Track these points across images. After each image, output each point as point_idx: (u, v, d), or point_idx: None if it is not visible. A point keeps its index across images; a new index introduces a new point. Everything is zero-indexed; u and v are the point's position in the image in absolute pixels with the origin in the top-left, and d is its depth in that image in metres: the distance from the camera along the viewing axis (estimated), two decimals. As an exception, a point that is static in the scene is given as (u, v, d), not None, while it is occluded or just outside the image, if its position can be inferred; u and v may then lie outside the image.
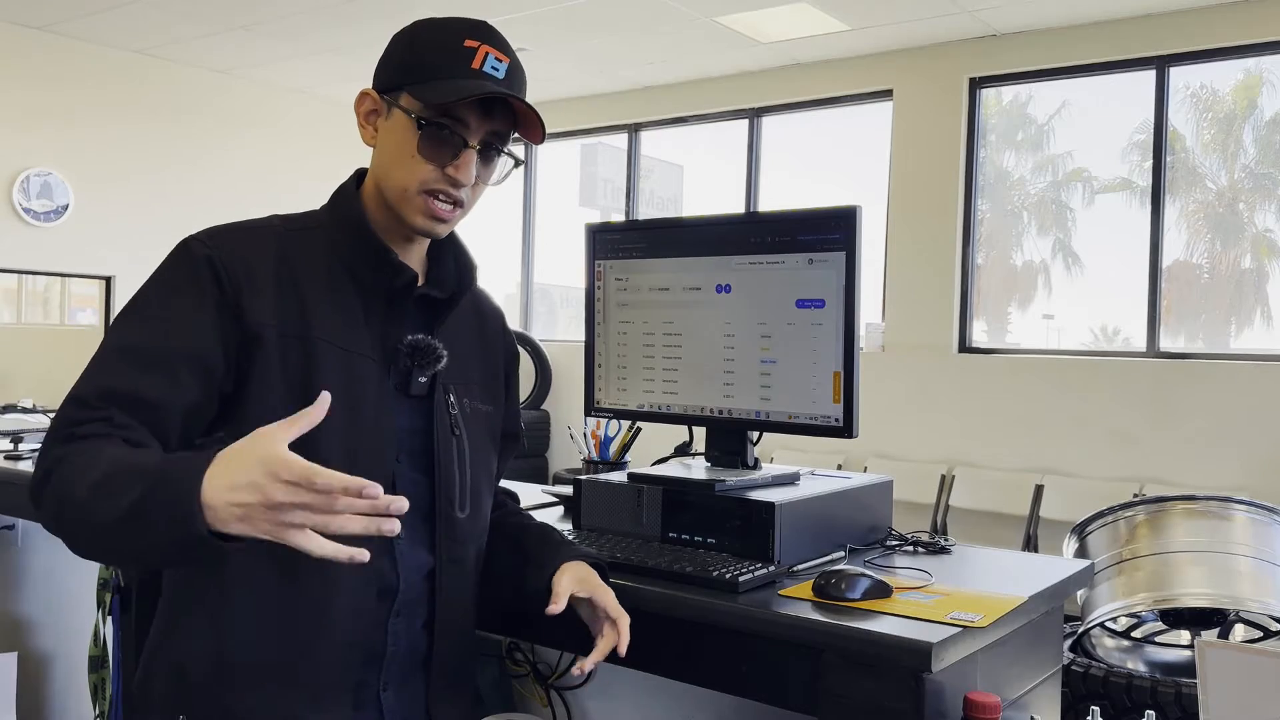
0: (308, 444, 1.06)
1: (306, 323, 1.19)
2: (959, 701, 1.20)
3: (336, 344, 1.20)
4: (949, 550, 1.66)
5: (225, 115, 6.83)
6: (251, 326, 1.16)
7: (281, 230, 1.24)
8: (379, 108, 1.25)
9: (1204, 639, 1.14)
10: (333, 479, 0.92)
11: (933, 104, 5.86)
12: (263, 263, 1.19)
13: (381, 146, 1.25)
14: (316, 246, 1.24)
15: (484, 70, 1.20)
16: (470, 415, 1.33)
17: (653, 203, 7.35)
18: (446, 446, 1.28)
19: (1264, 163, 5.37)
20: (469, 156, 1.21)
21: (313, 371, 1.17)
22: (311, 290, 1.21)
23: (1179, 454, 5.05)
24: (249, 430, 1.00)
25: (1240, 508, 2.85)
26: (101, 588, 2.18)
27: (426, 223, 1.24)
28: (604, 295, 1.81)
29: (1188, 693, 2.50)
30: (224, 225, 1.23)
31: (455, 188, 1.22)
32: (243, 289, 1.16)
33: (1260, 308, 5.40)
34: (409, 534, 1.24)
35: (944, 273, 5.80)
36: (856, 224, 1.54)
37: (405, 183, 1.21)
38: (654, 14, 5.42)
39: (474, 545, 1.34)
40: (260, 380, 1.16)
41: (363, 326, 1.23)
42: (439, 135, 1.20)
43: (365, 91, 1.26)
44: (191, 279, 1.16)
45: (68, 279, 6.33)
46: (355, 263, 1.24)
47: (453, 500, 1.28)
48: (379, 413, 1.22)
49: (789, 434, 1.62)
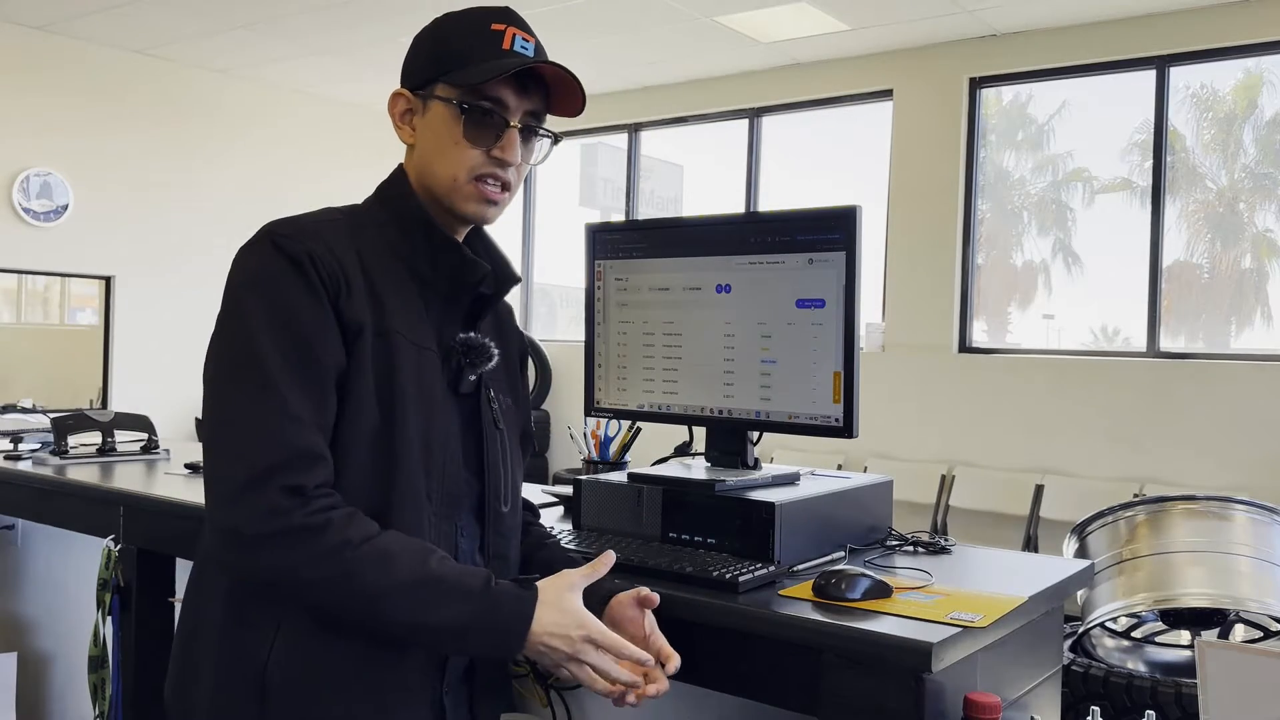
0: (399, 444, 1.16)
1: (383, 317, 1.18)
2: (959, 701, 1.20)
3: (409, 338, 1.20)
4: (949, 550, 1.66)
5: (225, 115, 6.82)
6: (350, 325, 1.15)
7: (350, 225, 1.23)
8: (414, 105, 1.25)
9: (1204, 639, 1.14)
10: (635, 654, 1.15)
11: (933, 104, 5.86)
12: (348, 259, 1.18)
13: (423, 142, 1.24)
14: (375, 241, 1.23)
15: (514, 50, 1.21)
16: (505, 412, 1.33)
17: (653, 203, 7.34)
18: (493, 445, 1.29)
19: (1264, 163, 5.37)
20: (513, 136, 1.22)
21: (394, 368, 1.18)
22: (381, 284, 1.20)
23: (1179, 454, 5.05)
24: (343, 428, 1.13)
25: (1240, 508, 2.85)
26: (101, 588, 2.18)
27: (479, 208, 1.24)
28: (604, 295, 1.81)
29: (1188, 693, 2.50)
30: (299, 220, 1.20)
31: (503, 169, 1.23)
32: (341, 287, 1.15)
33: (1260, 308, 5.39)
34: (467, 533, 1.26)
35: (944, 273, 5.80)
36: (856, 224, 1.54)
37: (454, 171, 1.22)
38: (654, 14, 5.42)
39: (514, 541, 1.35)
40: (356, 377, 1.15)
41: (426, 322, 1.23)
42: (482, 118, 1.20)
43: (398, 92, 1.26)
44: (302, 281, 1.13)
45: (68, 279, 6.34)
46: (416, 259, 1.24)
47: (500, 497, 1.29)
48: (445, 409, 1.23)
49: (789, 434, 1.62)
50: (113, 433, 2.63)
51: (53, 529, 2.60)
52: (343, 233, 1.21)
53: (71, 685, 2.67)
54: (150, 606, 2.18)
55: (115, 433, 2.64)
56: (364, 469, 1.15)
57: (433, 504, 1.20)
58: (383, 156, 1.69)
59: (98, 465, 2.49)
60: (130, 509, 2.15)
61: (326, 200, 1.33)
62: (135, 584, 2.16)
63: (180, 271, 6.30)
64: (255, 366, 1.10)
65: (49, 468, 2.42)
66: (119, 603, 2.18)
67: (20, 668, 2.64)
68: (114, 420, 2.64)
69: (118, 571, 2.17)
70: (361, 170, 8.37)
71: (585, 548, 1.54)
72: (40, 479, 2.36)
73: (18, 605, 2.81)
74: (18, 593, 2.81)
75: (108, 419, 2.63)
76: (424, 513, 1.19)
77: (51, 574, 2.74)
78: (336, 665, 1.16)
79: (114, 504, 2.19)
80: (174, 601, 2.20)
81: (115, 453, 2.60)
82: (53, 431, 2.58)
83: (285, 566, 1.09)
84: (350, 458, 1.15)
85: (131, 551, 2.15)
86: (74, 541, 2.53)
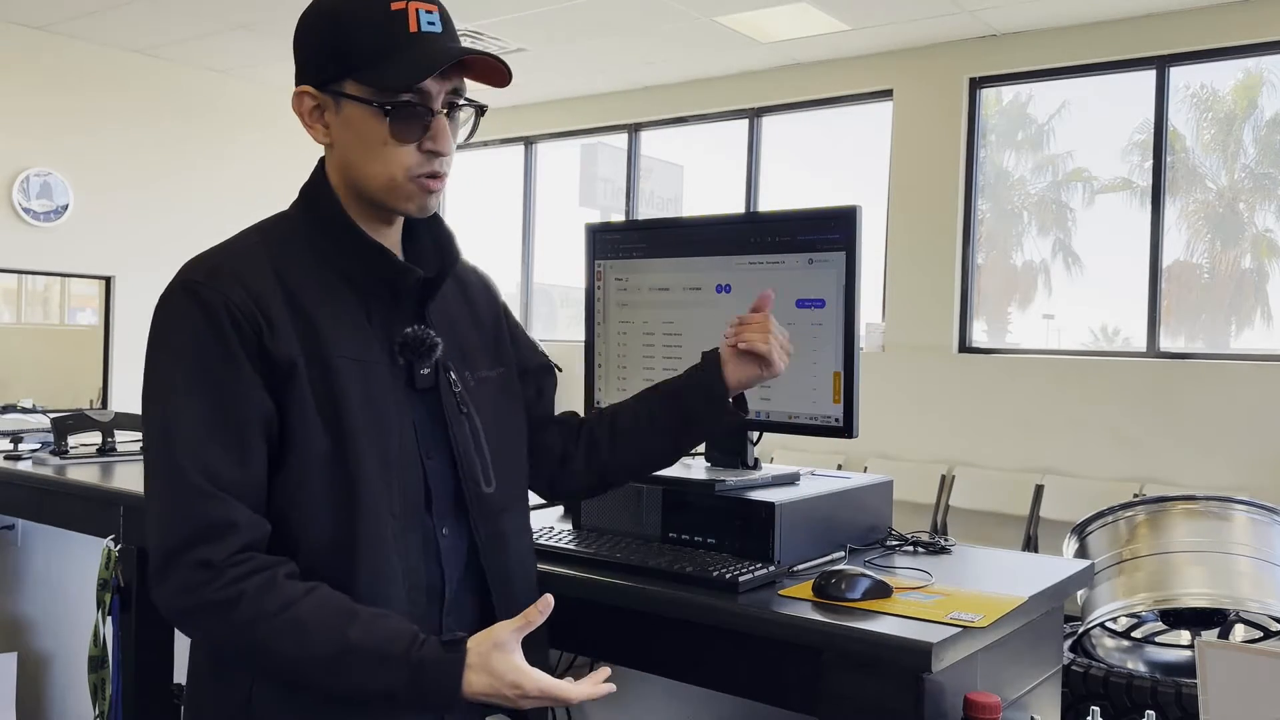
0: (346, 463, 1.14)
1: (319, 342, 1.15)
2: (959, 701, 1.20)
3: (351, 357, 1.17)
4: (949, 550, 1.66)
5: (225, 115, 6.82)
6: (280, 363, 1.12)
7: (267, 247, 1.18)
8: (322, 103, 1.18)
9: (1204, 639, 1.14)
10: (572, 695, 1.13)
11: (933, 104, 5.86)
12: (268, 292, 1.14)
13: (343, 142, 1.18)
14: (302, 254, 1.19)
15: (422, 30, 1.13)
16: (476, 388, 1.29)
17: (653, 203, 7.34)
18: (460, 429, 1.25)
19: (1264, 163, 5.37)
20: (441, 124, 1.16)
21: (338, 392, 1.15)
22: (313, 305, 1.16)
23: (1179, 454, 5.05)
24: (293, 462, 1.12)
25: (1240, 508, 2.85)
26: (101, 588, 2.18)
27: (421, 202, 1.19)
28: (604, 295, 1.81)
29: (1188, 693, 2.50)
30: (213, 258, 1.16)
31: (439, 160, 1.17)
32: (262, 328, 1.12)
33: (1260, 308, 5.39)
34: (449, 527, 1.23)
35: (944, 273, 5.80)
36: (856, 224, 1.54)
37: (390, 173, 1.16)
38: (654, 14, 5.42)
39: (511, 513, 1.30)
40: (297, 411, 1.13)
41: (368, 330, 1.20)
42: (406, 115, 1.14)
43: (301, 90, 1.19)
44: (215, 334, 1.10)
45: (68, 279, 6.34)
46: (347, 265, 1.20)
47: (477, 479, 1.25)
48: (400, 415, 1.20)
49: (789, 434, 1.62)
50: (113, 433, 2.63)
51: (53, 529, 2.60)
52: (263, 261, 1.16)
53: (71, 685, 2.67)
54: (150, 607, 2.17)
55: (115, 433, 2.64)
56: (322, 496, 1.13)
57: (397, 519, 1.17)
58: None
59: (98, 465, 2.49)
60: (130, 509, 2.15)
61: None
62: (135, 584, 2.15)
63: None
64: (168, 436, 1.10)
65: (49, 468, 2.42)
66: (119, 603, 2.18)
67: (20, 668, 2.64)
68: (114, 420, 2.64)
69: (118, 571, 2.17)
70: (361, 170, 8.24)
71: (585, 548, 1.54)
72: (40, 479, 2.36)
73: (18, 605, 2.80)
74: (18, 593, 2.81)
75: (108, 419, 2.63)
76: (387, 528, 1.16)
77: (51, 574, 2.74)
78: (316, 700, 1.14)
79: (114, 504, 2.19)
80: (174, 601, 2.20)
81: (115, 453, 2.60)
82: (53, 431, 2.58)
83: (210, 639, 1.14)
84: (307, 488, 1.13)
85: (131, 551, 2.15)
86: (74, 541, 2.53)
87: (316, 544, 1.14)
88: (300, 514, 1.13)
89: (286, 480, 1.13)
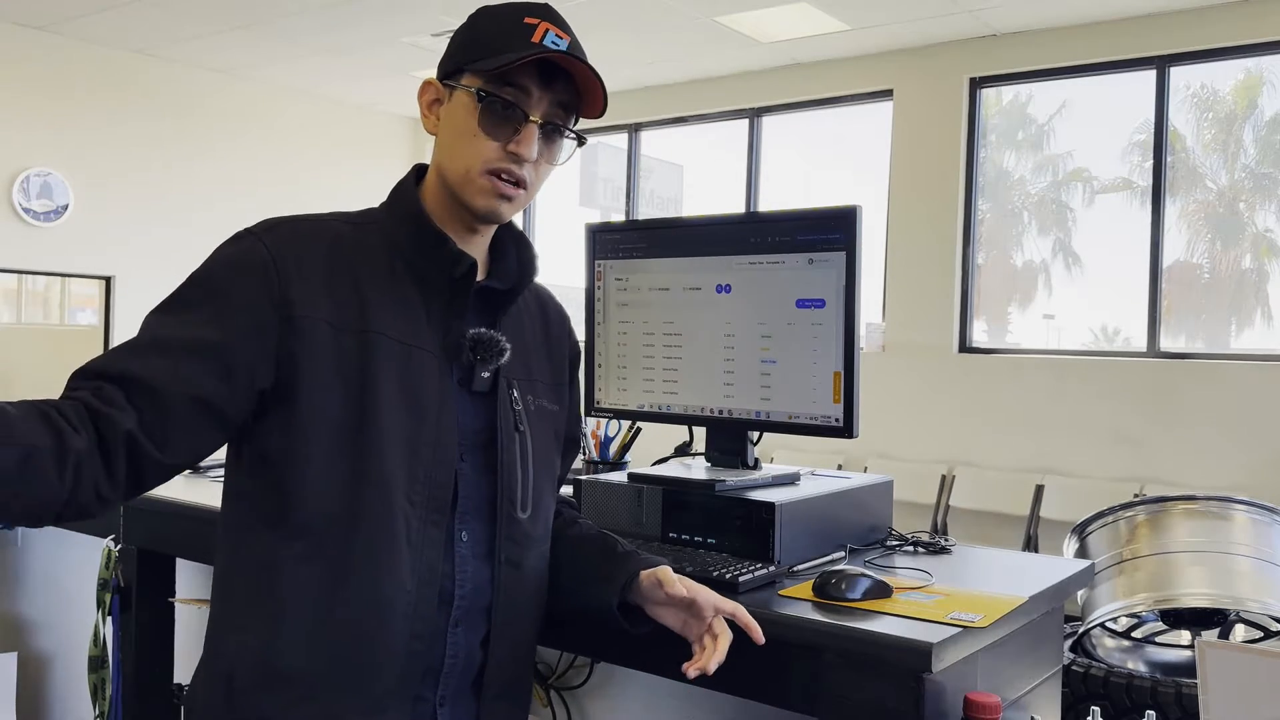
0: (373, 443, 1.13)
1: (363, 317, 1.15)
2: (959, 702, 1.20)
3: (394, 337, 1.17)
4: (949, 550, 1.66)
5: (225, 115, 6.83)
6: (299, 320, 1.13)
7: (340, 226, 1.22)
8: (441, 95, 1.22)
9: (1204, 639, 1.14)
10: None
11: (933, 104, 5.86)
12: (316, 256, 1.16)
13: (443, 132, 1.22)
14: (375, 242, 1.21)
15: (544, 44, 1.18)
16: (535, 413, 1.28)
17: (653, 203, 7.34)
18: (510, 444, 1.23)
19: (1264, 163, 5.37)
20: (530, 131, 1.18)
21: (369, 365, 1.14)
22: (370, 286, 1.18)
23: (1179, 454, 5.05)
24: (300, 421, 1.11)
25: (1240, 508, 2.85)
26: (101, 588, 2.18)
27: (490, 203, 1.19)
28: (604, 295, 1.81)
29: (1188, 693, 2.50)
30: (282, 217, 1.21)
31: (518, 165, 1.18)
32: (292, 281, 1.13)
33: (1260, 308, 5.40)
34: (471, 537, 1.20)
35: (944, 273, 5.80)
36: (856, 224, 1.54)
37: (468, 163, 1.18)
38: (654, 14, 5.42)
39: (535, 549, 1.28)
40: (311, 374, 1.13)
41: (423, 320, 1.19)
42: (500, 109, 1.17)
43: (428, 81, 1.24)
44: (234, 271, 1.15)
45: (68, 279, 6.34)
46: (414, 256, 1.21)
47: (515, 500, 1.23)
48: (441, 409, 1.18)
49: (789, 434, 1.61)
50: (113, 433, 2.62)
51: (53, 529, 2.60)
52: (324, 234, 1.19)
53: (71, 685, 2.67)
54: (150, 607, 2.18)
55: (115, 433, 2.63)
56: (330, 464, 1.13)
57: (415, 507, 1.16)
58: (383, 156, 1.70)
59: (98, 465, 2.48)
60: (130, 509, 2.15)
61: (327, 200, 1.32)
62: (135, 584, 2.15)
63: (180, 271, 6.19)
64: (149, 326, 1.15)
65: (49, 468, 2.41)
66: (119, 603, 2.18)
67: (20, 668, 2.64)
68: (114, 420, 2.63)
69: (118, 571, 2.17)
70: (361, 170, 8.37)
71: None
72: (40, 479, 2.35)
73: (18, 605, 2.80)
74: (18, 593, 2.81)
75: (108, 419, 2.63)
76: (399, 515, 1.14)
77: (51, 574, 2.74)
78: (297, 675, 1.14)
79: (114, 504, 2.18)
80: (174, 601, 2.20)
81: (115, 453, 2.60)
82: (53, 431, 2.58)
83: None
84: (313, 447, 1.13)
85: (131, 551, 2.15)
86: (74, 541, 2.53)
87: (315, 509, 1.13)
88: (296, 473, 1.13)
89: (290, 434, 1.13)
